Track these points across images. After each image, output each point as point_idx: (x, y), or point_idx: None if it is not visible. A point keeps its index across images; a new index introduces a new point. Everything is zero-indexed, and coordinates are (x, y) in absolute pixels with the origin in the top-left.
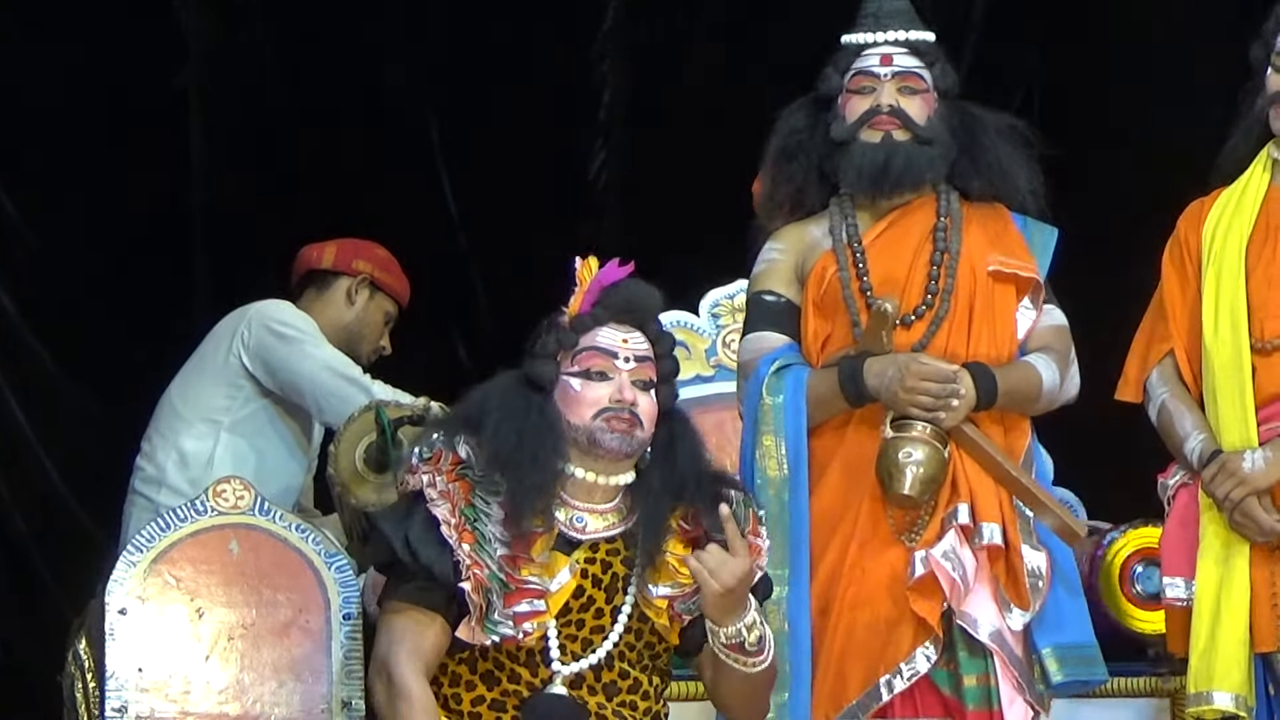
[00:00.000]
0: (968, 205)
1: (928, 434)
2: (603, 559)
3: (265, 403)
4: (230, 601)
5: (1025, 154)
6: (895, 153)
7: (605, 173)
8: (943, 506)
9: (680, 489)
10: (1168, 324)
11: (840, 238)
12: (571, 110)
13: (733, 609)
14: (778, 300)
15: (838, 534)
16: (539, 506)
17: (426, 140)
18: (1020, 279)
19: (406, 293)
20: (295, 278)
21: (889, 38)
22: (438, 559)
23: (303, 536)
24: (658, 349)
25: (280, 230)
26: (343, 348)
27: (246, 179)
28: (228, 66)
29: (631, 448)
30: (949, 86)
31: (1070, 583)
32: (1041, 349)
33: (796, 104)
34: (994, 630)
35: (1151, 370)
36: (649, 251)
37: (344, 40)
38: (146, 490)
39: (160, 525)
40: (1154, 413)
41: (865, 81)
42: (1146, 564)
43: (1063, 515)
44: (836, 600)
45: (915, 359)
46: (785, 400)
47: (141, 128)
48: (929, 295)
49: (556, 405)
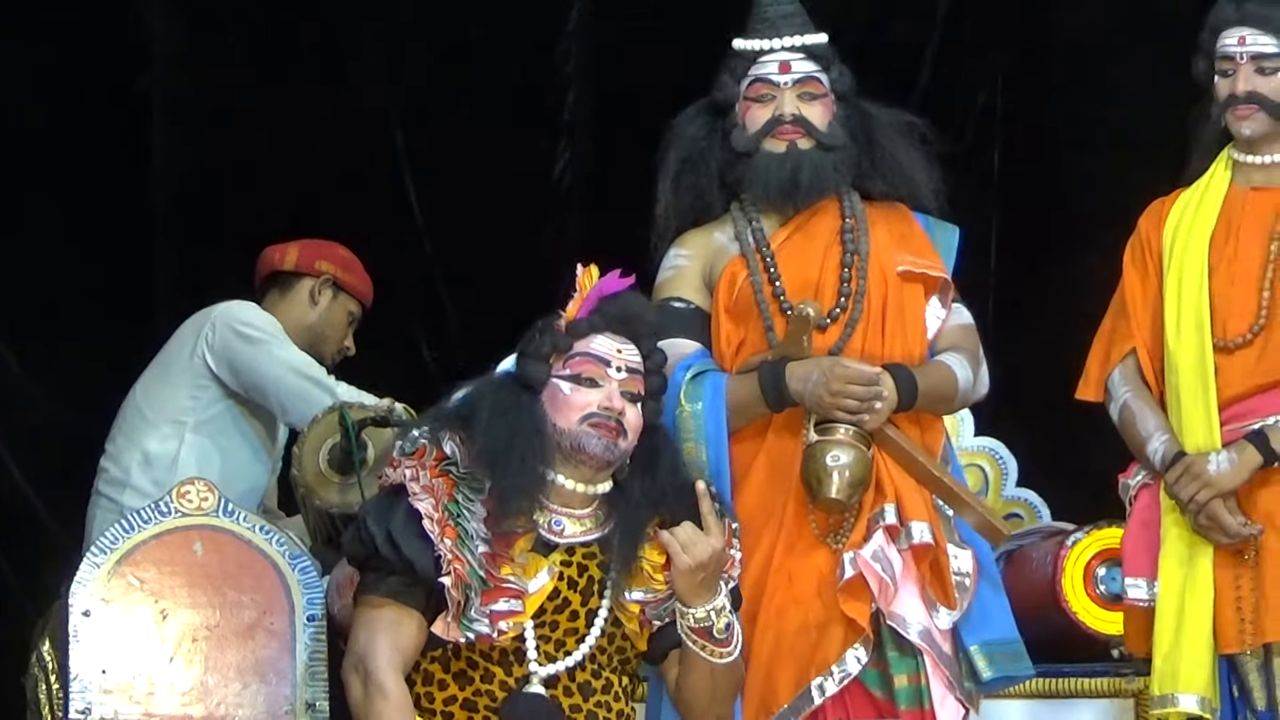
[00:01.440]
0: (870, 206)
1: (852, 436)
2: (579, 562)
3: (229, 404)
4: (194, 603)
5: (923, 151)
6: (801, 164)
7: (569, 175)
8: (868, 508)
9: (660, 499)
10: (1129, 322)
11: (748, 242)
12: (536, 112)
13: (703, 589)
14: (686, 306)
15: (762, 539)
16: (524, 506)
17: (391, 143)
18: (929, 278)
19: (370, 292)
20: (258, 279)
21: (785, 44)
22: (420, 553)
23: (267, 538)
24: (648, 364)
25: (244, 233)
26: (306, 349)
27: (210, 182)
28: (191, 70)
29: (613, 455)
30: (846, 89)
31: (993, 579)
32: (951, 348)
33: (692, 110)
34: (923, 629)
35: (1113, 369)
36: (614, 256)
37: (309, 44)
38: (110, 491)
39: (124, 527)
40: (1115, 412)
41: (764, 90)
42: (1109, 565)
43: (985, 513)
44: (764, 606)
45: (838, 363)
46: (704, 406)
47: (104, 131)
48: (842, 298)
49: (544, 407)
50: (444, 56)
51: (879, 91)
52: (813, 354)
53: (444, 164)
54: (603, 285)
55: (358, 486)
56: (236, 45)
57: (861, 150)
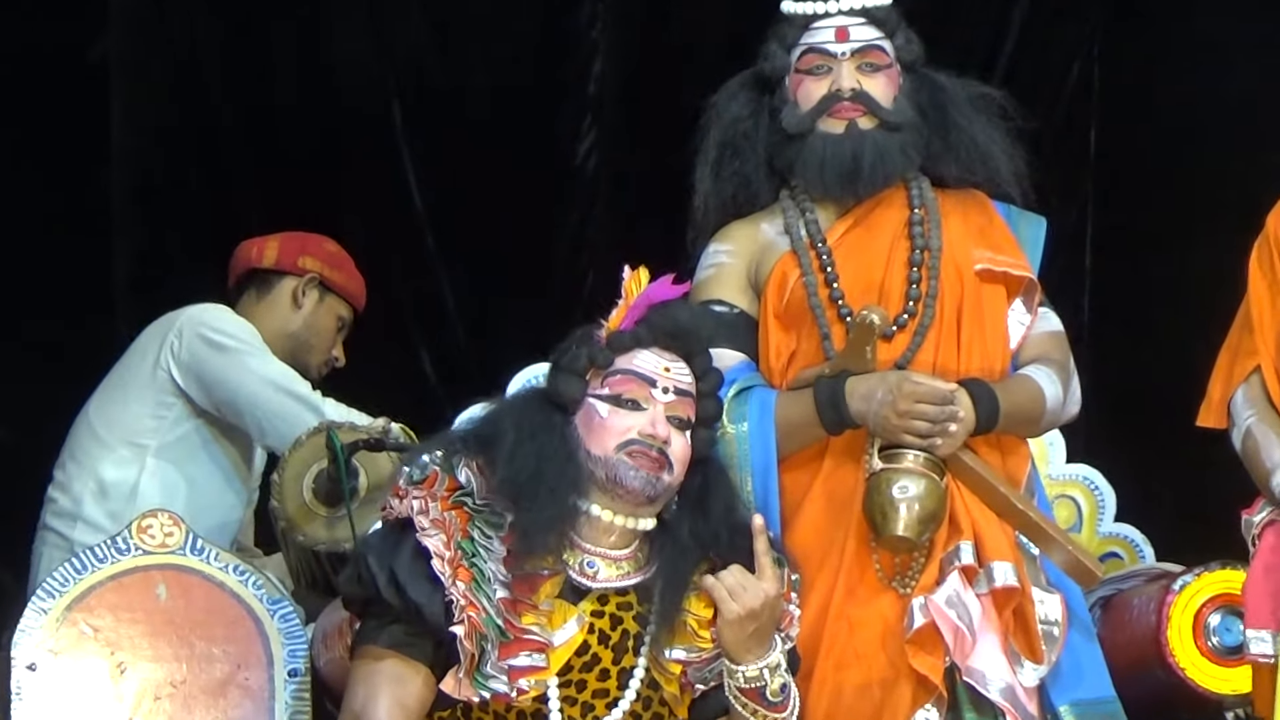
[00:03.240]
0: (943, 194)
1: (922, 464)
2: (612, 613)
3: (198, 424)
4: (157, 655)
5: (1005, 129)
6: (863, 147)
7: (595, 156)
8: (941, 546)
9: (711, 543)
10: (1254, 337)
11: (800, 237)
12: (556, 84)
13: (754, 644)
14: (729, 311)
15: (818, 582)
16: (550, 544)
17: (387, 120)
18: (1011, 278)
19: (362, 294)
20: (233, 278)
21: (843, 6)
22: (427, 598)
23: (241, 580)
24: (702, 385)
25: (216, 224)
26: (289, 359)
27: (176, 165)
28: (153, 35)
29: (655, 491)
30: (914, 58)
31: (1085, 629)
32: (1038, 360)
33: (734, 84)
34: (1005, 686)
35: (1236, 390)
36: (644, 247)
37: (290, 5)
38: (59, 525)
39: (75, 566)
40: (1238, 439)
41: (819, 60)
42: (1226, 613)
43: (1076, 551)
44: (820, 659)
45: (907, 378)
46: (750, 428)
47: (53, 104)
48: (911, 301)
49: (577, 430)
50: (449, 21)
51: (954, 62)
52: (876, 367)
53: (449, 145)
54: (652, 292)
55: (348, 520)
56: (204, 5)
57: (933, 129)
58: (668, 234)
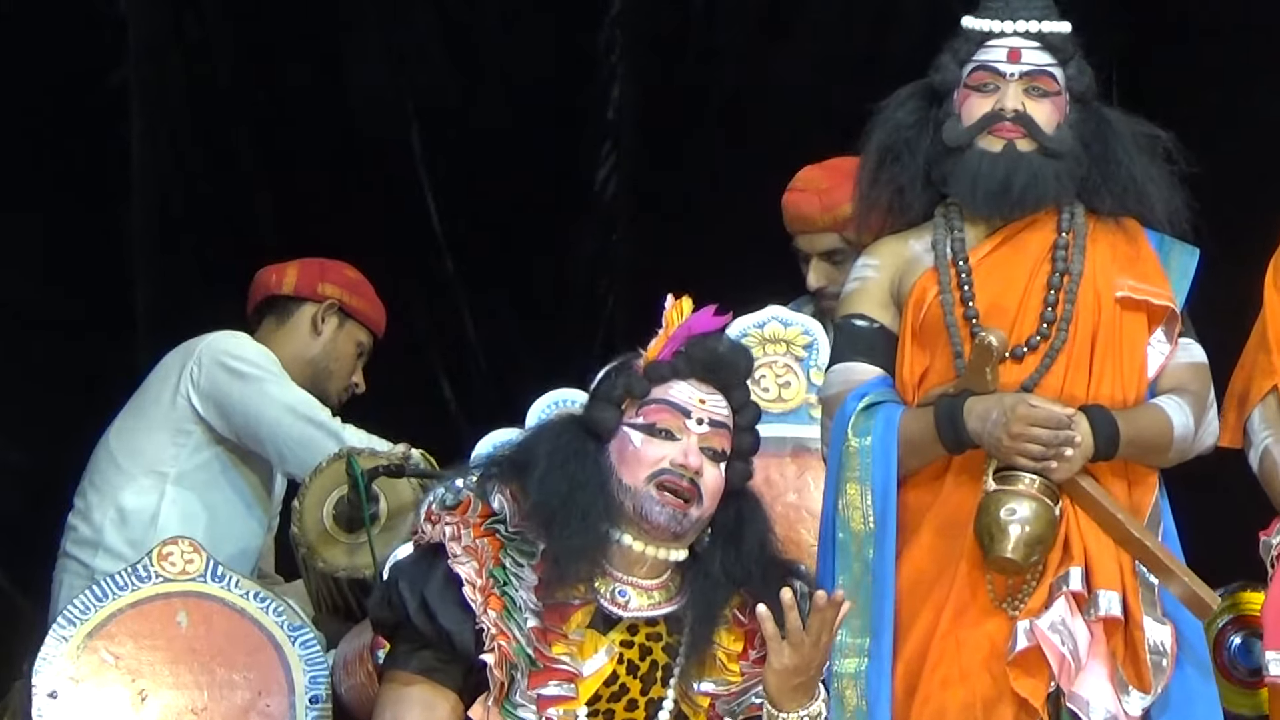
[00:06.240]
0: (1095, 220)
1: (1036, 488)
2: (641, 643)
3: (218, 451)
4: (178, 683)
5: (1165, 171)
6: (1017, 167)
7: (614, 182)
8: (1052, 570)
9: (744, 578)
10: (1270, 356)
11: (944, 254)
12: (575, 110)
13: (800, 694)
14: (870, 325)
15: (929, 601)
16: (582, 572)
17: (406, 145)
18: (1153, 307)
19: (382, 320)
20: (252, 305)
21: (1019, 28)
22: (458, 625)
23: (262, 607)
24: (739, 419)
25: (234, 250)
26: (308, 386)
27: (195, 191)
28: (173, 61)
29: (682, 527)
30: (1084, 89)
31: (1201, 662)
32: (1174, 390)
33: (905, 92)
34: (1109, 715)
35: (1252, 410)
36: (665, 274)
37: (307, 30)
38: (80, 553)
39: (96, 594)
40: (1254, 459)
41: (988, 78)
42: (1244, 634)
43: (1192, 583)
44: (925, 677)
45: (1024, 400)
46: (874, 443)
47: (73, 131)
48: (1044, 324)
49: (611, 459)
50: (468, 45)
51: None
52: (998, 388)
53: (468, 171)
54: (692, 323)
55: (368, 546)
56: (224, 32)
57: (1093, 161)
58: (686, 259)
